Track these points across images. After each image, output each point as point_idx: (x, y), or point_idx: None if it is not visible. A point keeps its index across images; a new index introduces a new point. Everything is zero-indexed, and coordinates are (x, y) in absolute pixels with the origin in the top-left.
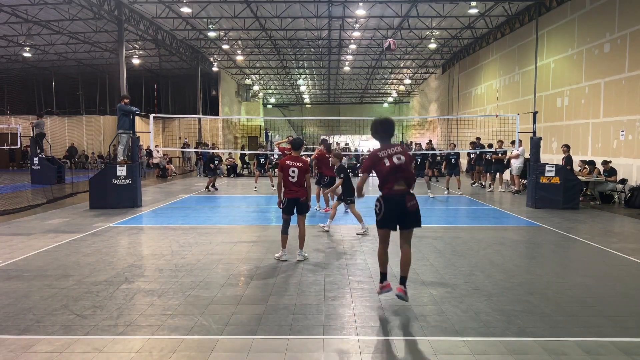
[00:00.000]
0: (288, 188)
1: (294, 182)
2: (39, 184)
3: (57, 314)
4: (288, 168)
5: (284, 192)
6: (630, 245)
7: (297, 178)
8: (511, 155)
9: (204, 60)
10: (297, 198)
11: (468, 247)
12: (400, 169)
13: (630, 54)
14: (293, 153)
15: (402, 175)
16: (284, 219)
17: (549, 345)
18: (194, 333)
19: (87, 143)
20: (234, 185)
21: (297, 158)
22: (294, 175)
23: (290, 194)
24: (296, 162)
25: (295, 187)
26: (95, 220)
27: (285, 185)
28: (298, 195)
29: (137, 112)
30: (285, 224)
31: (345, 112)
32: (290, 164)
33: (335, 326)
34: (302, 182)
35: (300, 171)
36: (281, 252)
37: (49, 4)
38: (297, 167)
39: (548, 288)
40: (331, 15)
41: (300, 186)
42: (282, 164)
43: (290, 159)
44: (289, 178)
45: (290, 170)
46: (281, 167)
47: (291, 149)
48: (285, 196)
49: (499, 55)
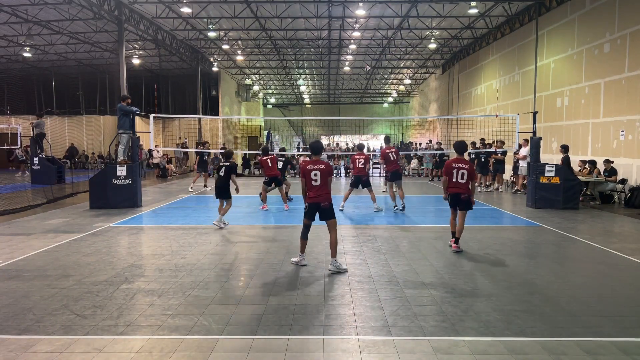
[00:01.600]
0: (310, 192)
1: (317, 185)
2: (39, 184)
3: (57, 314)
4: (310, 172)
5: (307, 198)
6: (630, 245)
7: (320, 181)
8: (519, 156)
9: (204, 60)
10: (318, 203)
11: (468, 247)
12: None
13: (630, 54)
14: (313, 157)
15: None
16: (304, 223)
17: (549, 345)
18: (194, 333)
19: (87, 143)
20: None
21: (317, 161)
22: (317, 178)
23: (312, 199)
24: (317, 165)
25: (317, 192)
26: (95, 220)
27: (307, 189)
28: (319, 200)
29: (137, 113)
30: (305, 229)
31: (345, 112)
32: (312, 167)
33: (335, 326)
34: (326, 185)
35: (323, 174)
36: (299, 257)
37: (49, 4)
38: (320, 170)
39: (548, 288)
40: (331, 15)
41: (324, 190)
42: (303, 169)
43: (311, 162)
44: (311, 182)
45: (312, 174)
46: (302, 172)
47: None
48: (307, 201)
49: (499, 55)
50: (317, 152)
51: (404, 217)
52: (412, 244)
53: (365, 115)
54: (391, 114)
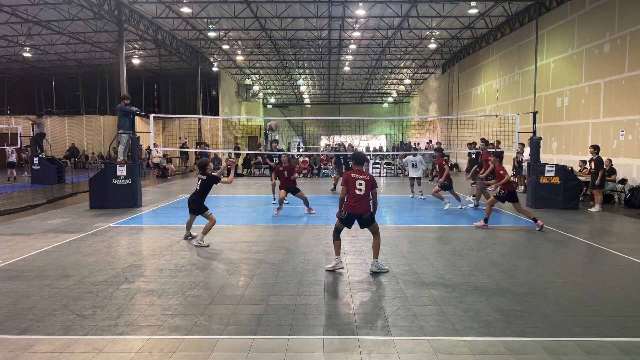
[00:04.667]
0: (350, 200)
1: (361, 195)
2: (39, 184)
3: (57, 314)
4: (354, 181)
5: (346, 206)
6: (630, 245)
7: (364, 191)
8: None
9: (204, 60)
10: (360, 214)
11: (468, 247)
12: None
13: (630, 54)
14: (356, 167)
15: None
16: (337, 227)
17: (549, 345)
18: (194, 333)
19: (87, 143)
20: (233, 185)
21: (361, 172)
22: (362, 188)
23: (352, 209)
24: (362, 176)
25: (359, 201)
26: (95, 220)
27: (348, 197)
28: (360, 211)
29: (137, 113)
30: (337, 232)
31: (345, 112)
32: (357, 177)
33: (335, 326)
34: (369, 196)
35: (367, 184)
36: (335, 261)
37: (49, 4)
38: (365, 180)
39: (548, 288)
40: (331, 15)
41: (366, 201)
42: (348, 177)
43: (356, 172)
44: (355, 191)
45: (357, 183)
46: (345, 181)
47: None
48: (346, 210)
49: (499, 55)
50: (360, 162)
51: (404, 217)
52: (412, 244)
53: (365, 115)
54: (391, 114)
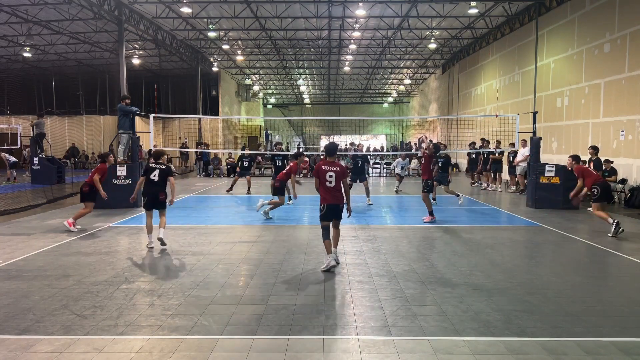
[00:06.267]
0: (327, 194)
1: (332, 187)
2: (39, 184)
3: (57, 314)
4: (325, 173)
5: (322, 199)
6: (630, 245)
7: (334, 183)
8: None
9: (204, 60)
10: (337, 204)
11: (468, 247)
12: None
13: (630, 54)
14: (328, 158)
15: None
16: (323, 226)
17: (549, 345)
18: (194, 333)
19: (87, 143)
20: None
21: (333, 163)
22: (332, 180)
23: (329, 201)
24: (333, 167)
25: (333, 193)
26: (95, 220)
27: (321, 190)
28: (338, 202)
29: (137, 113)
30: (326, 231)
31: (345, 112)
32: (327, 168)
33: (335, 326)
34: (340, 187)
35: (338, 176)
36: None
37: (49, 4)
38: (335, 171)
39: (548, 288)
40: (331, 15)
41: (339, 191)
42: (319, 169)
43: (326, 163)
44: (326, 183)
45: (327, 175)
46: (317, 172)
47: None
48: (324, 202)
49: (499, 55)
50: (332, 153)
51: (404, 217)
52: (412, 244)
53: (365, 115)
54: (391, 114)
